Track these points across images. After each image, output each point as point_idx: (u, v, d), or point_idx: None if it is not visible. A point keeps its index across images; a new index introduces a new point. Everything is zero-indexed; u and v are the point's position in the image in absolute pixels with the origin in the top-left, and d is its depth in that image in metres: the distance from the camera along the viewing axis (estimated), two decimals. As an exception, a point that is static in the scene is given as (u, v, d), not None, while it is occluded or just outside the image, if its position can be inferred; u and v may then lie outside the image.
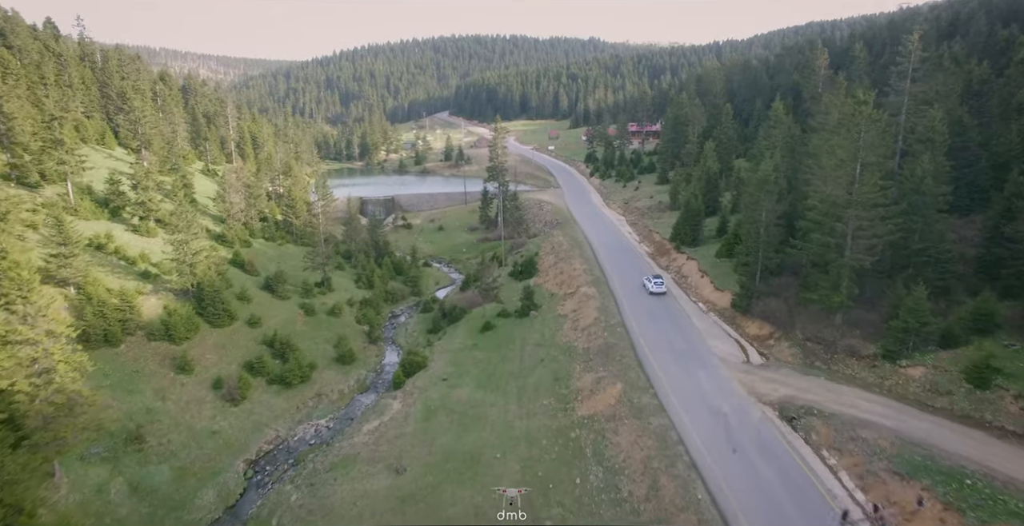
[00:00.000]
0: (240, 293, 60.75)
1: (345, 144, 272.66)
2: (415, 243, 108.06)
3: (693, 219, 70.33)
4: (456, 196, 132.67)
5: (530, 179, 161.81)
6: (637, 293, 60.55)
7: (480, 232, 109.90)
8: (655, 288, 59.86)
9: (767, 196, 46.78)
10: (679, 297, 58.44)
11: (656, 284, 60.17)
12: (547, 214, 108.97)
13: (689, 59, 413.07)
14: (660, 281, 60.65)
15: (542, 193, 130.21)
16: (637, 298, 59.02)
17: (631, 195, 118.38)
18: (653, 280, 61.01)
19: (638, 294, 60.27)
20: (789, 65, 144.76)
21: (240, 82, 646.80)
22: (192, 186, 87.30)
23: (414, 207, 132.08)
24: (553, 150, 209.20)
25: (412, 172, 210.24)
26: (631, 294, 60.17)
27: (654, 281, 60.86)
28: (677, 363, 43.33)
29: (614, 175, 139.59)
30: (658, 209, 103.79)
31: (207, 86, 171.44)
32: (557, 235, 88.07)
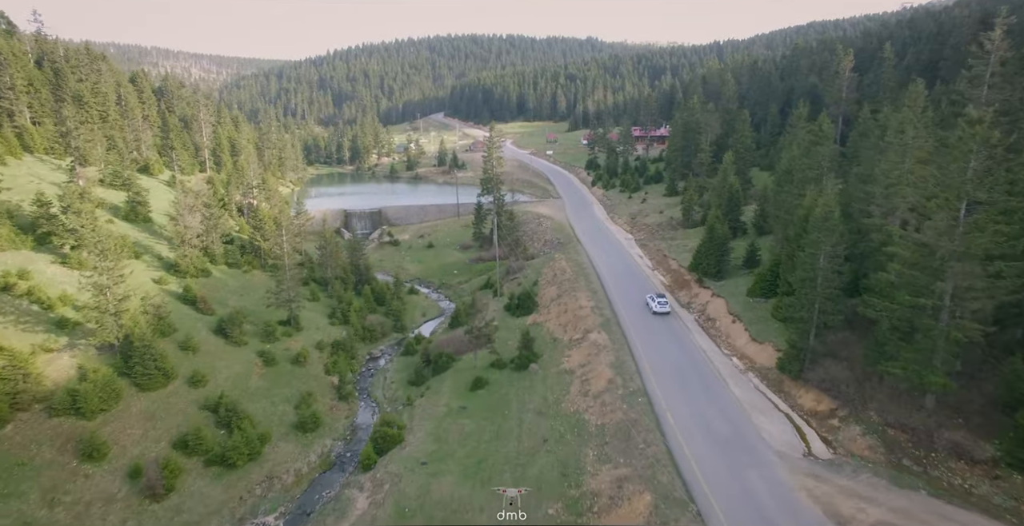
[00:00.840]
0: (185, 341, 50.82)
1: (336, 147, 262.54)
2: (402, 263, 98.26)
3: (718, 248, 60.65)
4: (448, 208, 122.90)
5: (528, 188, 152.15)
6: (657, 340, 50.90)
7: (473, 250, 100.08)
8: (659, 308, 57.14)
9: (827, 237, 37.12)
10: (708, 350, 48.72)
11: (660, 303, 57.53)
12: (547, 231, 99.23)
13: (690, 59, 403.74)
14: (664, 301, 58.10)
15: (541, 205, 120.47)
16: (658, 348, 49.35)
17: (638, 208, 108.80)
18: (657, 299, 58.21)
19: (659, 342, 50.62)
20: (805, 66, 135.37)
21: (232, 82, 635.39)
22: (147, 204, 77.19)
23: (402, 220, 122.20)
24: (552, 155, 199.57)
25: (404, 178, 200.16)
26: (650, 342, 50.51)
27: (658, 300, 58.01)
28: (720, 456, 33.65)
29: (618, 185, 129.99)
30: (669, 227, 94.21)
31: (184, 88, 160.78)
32: (559, 259, 78.30)
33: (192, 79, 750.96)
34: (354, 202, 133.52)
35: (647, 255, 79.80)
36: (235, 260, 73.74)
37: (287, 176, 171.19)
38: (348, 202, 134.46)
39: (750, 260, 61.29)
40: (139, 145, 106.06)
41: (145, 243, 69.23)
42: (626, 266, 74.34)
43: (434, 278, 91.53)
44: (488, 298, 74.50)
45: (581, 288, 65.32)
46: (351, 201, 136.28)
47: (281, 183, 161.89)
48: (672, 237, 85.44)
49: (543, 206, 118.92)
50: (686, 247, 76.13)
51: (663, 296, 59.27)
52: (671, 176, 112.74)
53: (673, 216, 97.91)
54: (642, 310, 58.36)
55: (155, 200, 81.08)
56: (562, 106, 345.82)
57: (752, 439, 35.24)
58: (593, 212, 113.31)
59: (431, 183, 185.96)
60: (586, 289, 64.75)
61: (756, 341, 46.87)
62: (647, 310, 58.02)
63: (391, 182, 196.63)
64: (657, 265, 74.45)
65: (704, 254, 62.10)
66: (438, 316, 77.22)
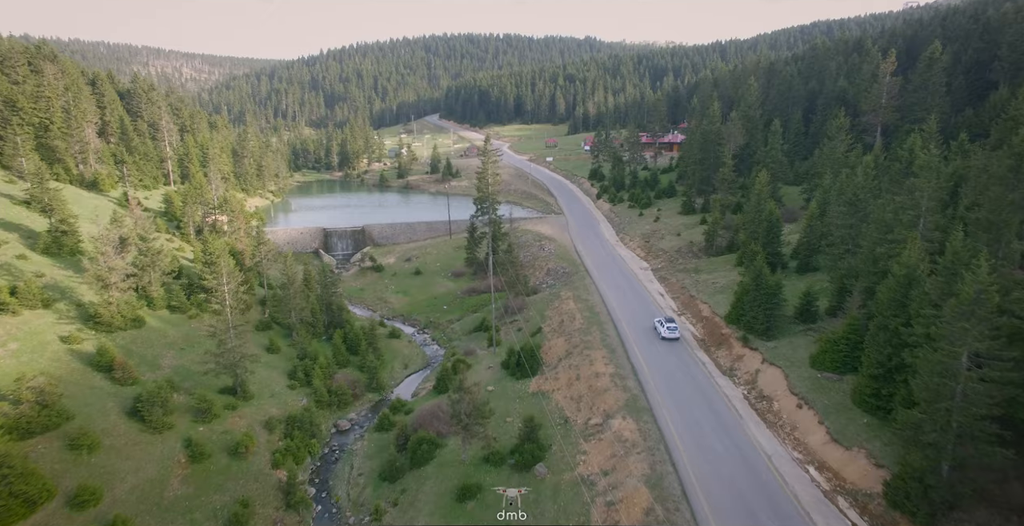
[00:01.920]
0: (77, 436, 38.51)
1: (324, 152, 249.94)
2: (384, 294, 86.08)
3: (767, 298, 48.58)
4: (439, 226, 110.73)
5: (527, 200, 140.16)
6: (703, 435, 38.88)
7: (466, 278, 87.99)
8: (668, 333, 54.06)
9: (975, 325, 25.17)
10: (771, 451, 36.71)
11: (669, 329, 54.37)
12: (549, 256, 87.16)
13: (692, 60, 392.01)
14: (674, 326, 54.90)
15: (542, 223, 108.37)
16: (705, 448, 37.34)
17: (651, 228, 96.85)
18: (666, 324, 54.93)
19: (705, 436, 38.62)
20: (831, 68, 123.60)
21: (223, 82, 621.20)
22: (76, 232, 64.81)
23: (388, 239, 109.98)
24: (552, 162, 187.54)
25: (394, 187, 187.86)
26: (694, 437, 38.48)
27: (667, 326, 54.79)
28: None
29: (626, 199, 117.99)
30: (690, 253, 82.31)
31: (155, 90, 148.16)
32: (566, 298, 66.31)
33: (183, 79, 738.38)
34: (335, 219, 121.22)
35: (669, 292, 67.77)
36: (179, 303, 61.37)
37: (268, 186, 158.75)
38: (329, 218, 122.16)
39: (805, 311, 49.32)
40: (86, 157, 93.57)
41: (65, 284, 56.96)
42: (647, 310, 62.23)
43: (420, 314, 79.31)
44: (481, 348, 62.46)
45: (595, 343, 53.28)
46: (333, 217, 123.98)
47: (260, 194, 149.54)
48: (696, 268, 73.42)
49: (544, 224, 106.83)
50: (715, 285, 64.19)
51: (672, 321, 55.77)
52: (687, 192, 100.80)
53: (693, 240, 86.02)
54: (678, 382, 46.37)
55: (96, 225, 68.77)
56: (561, 108, 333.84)
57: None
58: (600, 232, 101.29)
59: (423, 193, 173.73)
60: (602, 346, 52.70)
61: (839, 443, 34.91)
62: (686, 382, 46.05)
63: (380, 191, 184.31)
64: (684, 307, 62.41)
65: (748, 305, 50.04)
66: (423, 368, 65.05)
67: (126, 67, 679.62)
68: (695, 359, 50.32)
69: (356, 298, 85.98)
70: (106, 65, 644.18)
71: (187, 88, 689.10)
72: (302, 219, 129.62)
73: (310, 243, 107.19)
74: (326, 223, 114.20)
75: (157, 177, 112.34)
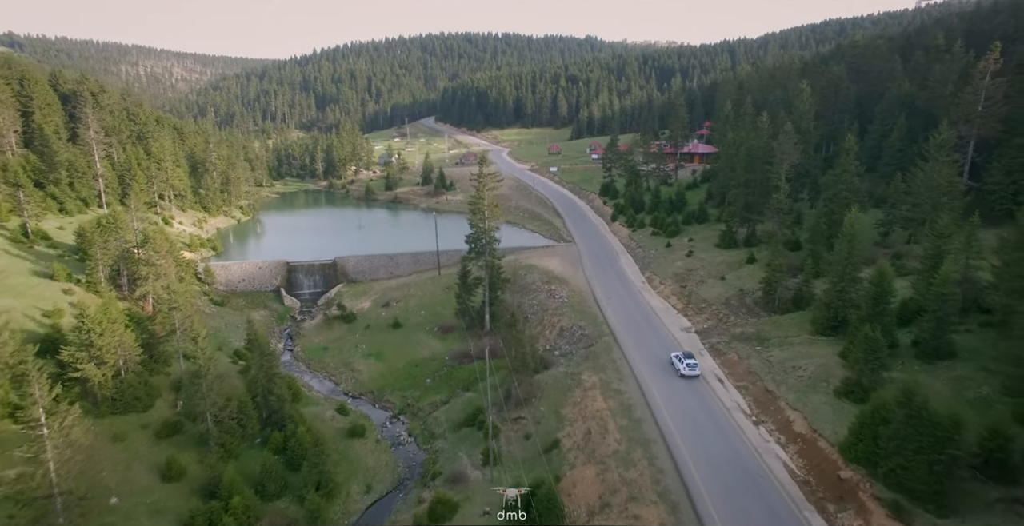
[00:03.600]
0: None
1: (310, 158, 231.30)
2: (351, 358, 67.60)
3: (935, 444, 29.88)
4: (426, 258, 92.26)
5: (530, 221, 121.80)
6: None
7: (456, 336, 69.55)
8: (687, 371, 49.17)
9: None
10: None
11: (689, 366, 49.35)
12: (562, 307, 68.78)
13: (700, 60, 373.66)
14: (694, 363, 49.74)
15: (549, 255, 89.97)
16: None
17: (684, 266, 78.63)
18: (685, 361, 50.06)
19: None
20: (887, 70, 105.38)
21: (212, 83, 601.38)
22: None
23: (366, 274, 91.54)
24: (556, 173, 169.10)
25: (381, 200, 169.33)
26: None
27: (686, 362, 49.88)
28: None
29: (648, 223, 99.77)
30: (743, 307, 64.09)
31: (106, 92, 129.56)
32: (590, 387, 48.04)
33: (173, 79, 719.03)
34: (305, 247, 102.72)
35: (732, 376, 49.38)
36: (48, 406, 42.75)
37: (238, 201, 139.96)
38: (298, 246, 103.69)
39: (991, 461, 30.83)
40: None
41: None
42: (710, 415, 43.79)
43: (396, 391, 60.71)
44: (475, 465, 44.03)
45: (644, 488, 34.95)
46: (302, 245, 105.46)
47: (225, 212, 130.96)
48: (759, 334, 55.14)
49: (553, 257, 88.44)
50: (799, 373, 45.83)
51: (691, 357, 50.67)
52: (726, 219, 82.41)
53: (744, 287, 67.76)
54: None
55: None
56: (563, 111, 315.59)
57: None
58: (621, 269, 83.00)
59: (412, 209, 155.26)
60: (655, 495, 34.37)
61: None
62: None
63: (366, 206, 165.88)
64: (759, 409, 43.96)
65: (890, 442, 31.55)
66: (392, 490, 46.50)
67: (113, 67, 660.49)
68: (803, 520, 31.96)
69: (316, 362, 67.55)
70: (92, 65, 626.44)
71: (177, 88, 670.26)
72: (268, 246, 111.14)
73: (270, 280, 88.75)
74: (292, 254, 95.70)
75: (89, 199, 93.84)
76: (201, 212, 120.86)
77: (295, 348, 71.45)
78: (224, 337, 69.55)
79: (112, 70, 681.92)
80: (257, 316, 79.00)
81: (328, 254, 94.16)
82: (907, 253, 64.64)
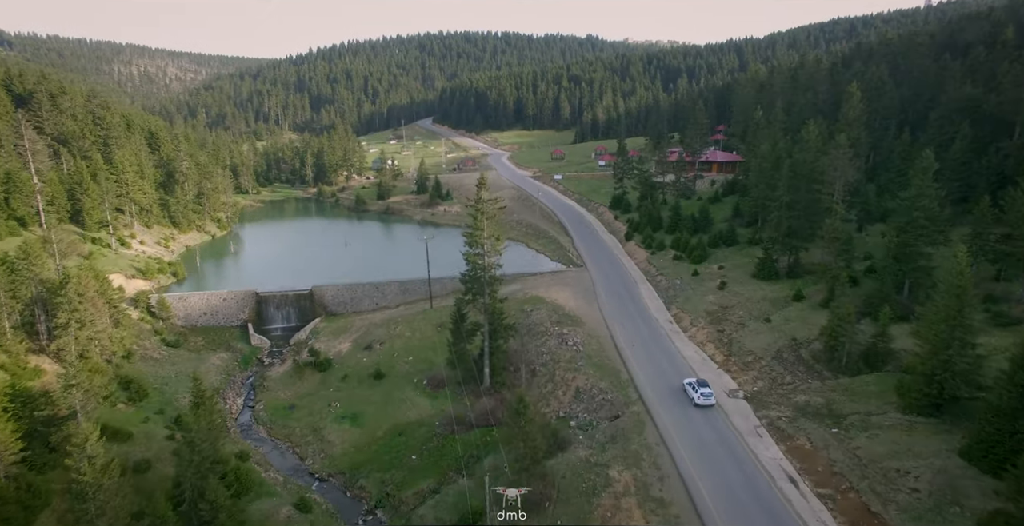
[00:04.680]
0: None
1: (299, 163, 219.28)
2: (321, 424, 55.65)
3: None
4: (416, 287, 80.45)
5: (534, 239, 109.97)
6: None
7: (448, 391, 57.64)
8: (702, 400, 45.47)
9: None
10: None
11: (704, 396, 45.67)
12: (577, 358, 56.97)
13: (707, 60, 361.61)
14: (709, 392, 46.00)
15: (558, 284, 78.22)
16: None
17: (717, 301, 67.01)
18: (699, 390, 46.16)
19: None
20: (929, 70, 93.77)
21: (205, 83, 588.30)
22: None
23: (346, 306, 79.79)
24: (561, 181, 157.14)
25: (372, 211, 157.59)
26: None
27: (700, 392, 46.02)
28: None
29: (669, 245, 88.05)
30: (800, 363, 52.39)
31: (67, 94, 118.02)
32: (626, 502, 36.25)
33: (167, 79, 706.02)
34: (280, 271, 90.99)
35: (806, 473, 37.61)
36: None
37: (214, 214, 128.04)
38: (271, 270, 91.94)
39: None
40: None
41: None
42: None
43: (374, 472, 48.66)
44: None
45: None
46: (276, 269, 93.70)
47: (199, 228, 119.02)
48: (830, 407, 43.46)
49: (562, 287, 76.67)
50: (904, 476, 34.23)
51: (706, 385, 47.42)
52: (768, 247, 70.49)
53: (797, 336, 56.04)
54: None
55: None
56: (566, 112, 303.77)
57: None
58: (643, 304, 71.20)
59: (406, 221, 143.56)
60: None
61: None
62: None
63: (357, 216, 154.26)
64: None
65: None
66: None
67: (106, 66, 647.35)
68: None
69: (280, 427, 55.68)
70: (84, 64, 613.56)
71: (171, 88, 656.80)
72: (240, 269, 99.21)
73: (236, 313, 76.91)
74: (266, 279, 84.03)
75: (28, 217, 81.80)
76: (169, 228, 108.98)
77: (257, 405, 59.61)
78: (171, 393, 57.68)
79: (104, 69, 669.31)
80: (216, 361, 67.21)
81: (306, 280, 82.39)
82: (1003, 295, 53.06)
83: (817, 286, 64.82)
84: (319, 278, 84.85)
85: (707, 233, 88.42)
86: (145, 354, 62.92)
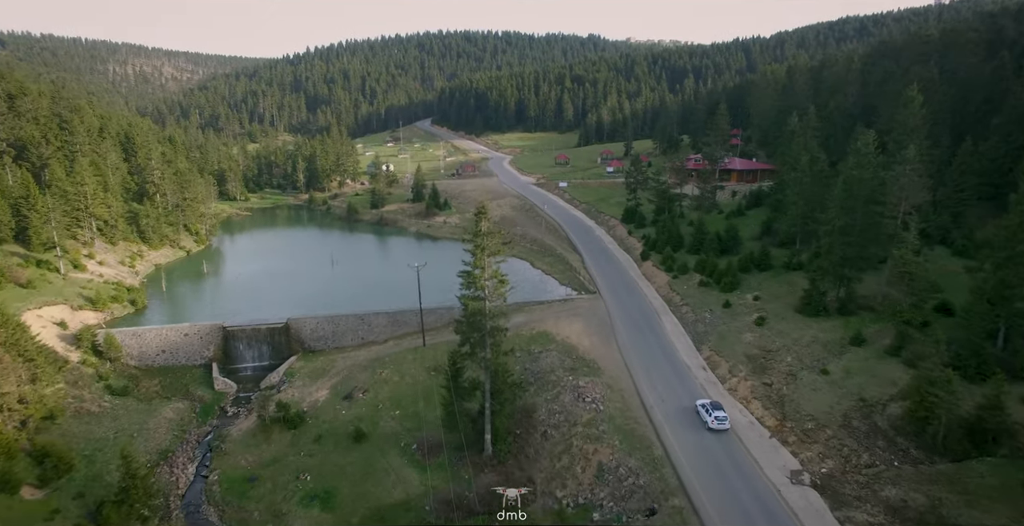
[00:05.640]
0: None
1: (292, 167, 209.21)
2: (286, 501, 45.41)
3: None
4: (407, 319, 70.29)
5: (540, 257, 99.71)
6: None
7: (443, 460, 47.52)
8: (717, 425, 43.38)
9: None
10: None
11: (719, 420, 43.52)
12: (597, 422, 46.81)
13: (714, 60, 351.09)
14: (724, 416, 43.90)
15: (569, 317, 68.09)
16: None
17: (757, 343, 57.01)
18: (713, 412, 44.04)
19: None
20: (986, 68, 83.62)
21: (201, 83, 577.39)
22: None
23: (328, 342, 69.72)
24: (567, 189, 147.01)
25: (365, 220, 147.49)
26: None
27: (714, 415, 43.78)
28: None
29: (693, 268, 77.89)
30: (879, 436, 42.24)
31: (28, 96, 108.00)
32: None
33: (163, 79, 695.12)
34: (256, 293, 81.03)
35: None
36: None
37: (192, 226, 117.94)
38: (246, 294, 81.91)
39: None
40: None
41: None
42: None
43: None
44: None
45: None
46: (254, 290, 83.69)
47: (172, 243, 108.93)
48: (935, 512, 33.44)
49: (574, 320, 66.60)
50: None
51: (720, 408, 44.55)
52: (817, 278, 60.18)
53: (865, 395, 45.86)
54: None
55: None
56: (569, 114, 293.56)
57: None
58: (669, 342, 61.14)
59: (400, 233, 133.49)
60: None
61: None
62: None
63: (348, 227, 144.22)
64: None
65: None
66: None
67: (100, 66, 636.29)
68: None
69: (235, 508, 45.55)
70: (78, 63, 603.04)
71: (167, 88, 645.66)
72: (214, 293, 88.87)
73: (200, 351, 66.86)
74: (238, 307, 74.11)
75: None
76: (138, 244, 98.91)
77: (211, 475, 49.50)
78: (104, 462, 47.59)
79: (99, 69, 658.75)
80: (170, 413, 57.16)
81: (283, 309, 72.44)
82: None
83: (877, 326, 54.83)
84: (298, 305, 74.93)
85: (735, 254, 78.44)
86: (81, 408, 52.95)
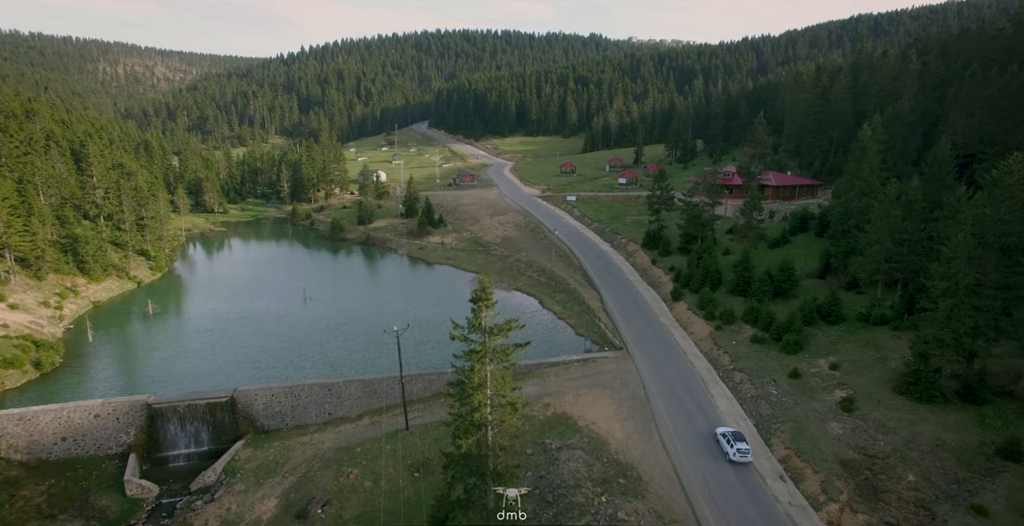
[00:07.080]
0: None
1: (277, 175, 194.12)
2: None
3: None
4: (386, 388, 55.20)
5: (550, 293, 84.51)
6: None
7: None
8: (738, 457, 40.54)
9: None
10: None
11: (741, 453, 40.66)
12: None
13: (723, 59, 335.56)
14: (747, 449, 40.92)
15: (592, 390, 53.10)
16: None
17: (850, 439, 42.20)
18: (736, 444, 41.35)
19: None
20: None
21: (191, 84, 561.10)
22: None
23: (285, 419, 54.68)
24: (575, 203, 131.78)
25: (351, 238, 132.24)
26: None
27: (736, 446, 41.15)
28: None
29: (740, 317, 63.04)
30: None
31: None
32: None
33: (155, 79, 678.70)
34: (208, 339, 65.80)
35: None
36: None
37: (151, 250, 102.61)
38: (194, 343, 66.64)
39: None
40: None
41: None
42: None
43: None
44: None
45: None
46: (206, 340, 68.40)
47: (119, 274, 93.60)
48: None
49: (599, 396, 51.60)
50: None
51: (742, 438, 42.00)
52: (931, 353, 44.99)
53: None
54: None
55: None
56: (572, 117, 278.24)
57: None
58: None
59: (388, 255, 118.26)
60: None
61: None
62: None
63: (331, 247, 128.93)
64: None
65: None
66: None
67: (90, 65, 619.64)
68: None
69: None
70: (66, 63, 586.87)
71: (159, 88, 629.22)
72: (152, 347, 72.88)
73: (115, 436, 51.76)
74: (169, 377, 58.85)
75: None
76: (75, 277, 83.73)
77: None
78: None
79: (88, 69, 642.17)
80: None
81: (234, 369, 57.49)
82: None
83: (1021, 424, 40.03)
84: (255, 364, 60.10)
85: (791, 296, 63.69)
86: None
